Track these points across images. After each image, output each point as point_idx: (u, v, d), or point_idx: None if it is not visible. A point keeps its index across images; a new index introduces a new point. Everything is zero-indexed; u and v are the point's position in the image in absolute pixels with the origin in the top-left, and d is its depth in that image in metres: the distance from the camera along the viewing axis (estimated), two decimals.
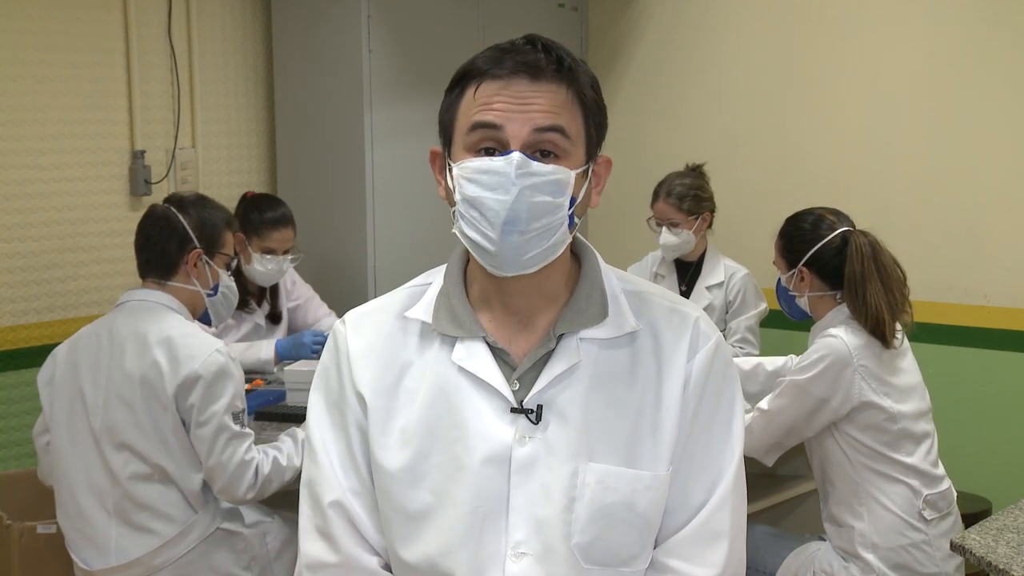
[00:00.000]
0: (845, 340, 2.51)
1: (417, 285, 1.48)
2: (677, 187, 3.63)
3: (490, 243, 1.31)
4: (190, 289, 2.57)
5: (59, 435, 2.52)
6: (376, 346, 1.43)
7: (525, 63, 1.31)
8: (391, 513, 1.40)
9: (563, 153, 1.33)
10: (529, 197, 1.29)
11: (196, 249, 2.56)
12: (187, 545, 2.46)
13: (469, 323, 1.39)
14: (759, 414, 2.58)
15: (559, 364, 1.38)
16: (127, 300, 2.55)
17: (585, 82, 1.36)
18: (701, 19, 4.51)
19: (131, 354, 2.43)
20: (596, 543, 1.36)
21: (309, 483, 1.45)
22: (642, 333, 1.41)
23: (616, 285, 1.44)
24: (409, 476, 1.38)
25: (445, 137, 1.39)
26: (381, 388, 1.41)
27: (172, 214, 2.57)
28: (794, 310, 2.74)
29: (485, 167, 1.30)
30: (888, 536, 2.50)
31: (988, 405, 3.87)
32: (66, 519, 2.53)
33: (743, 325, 3.66)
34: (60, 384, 2.53)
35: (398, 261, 4.12)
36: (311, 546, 1.43)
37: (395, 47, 4.07)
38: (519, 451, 1.35)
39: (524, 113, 1.31)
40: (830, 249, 2.61)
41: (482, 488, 1.35)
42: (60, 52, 3.73)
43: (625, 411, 1.38)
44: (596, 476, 1.35)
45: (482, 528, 1.35)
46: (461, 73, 1.36)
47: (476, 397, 1.38)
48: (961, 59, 3.85)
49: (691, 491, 1.40)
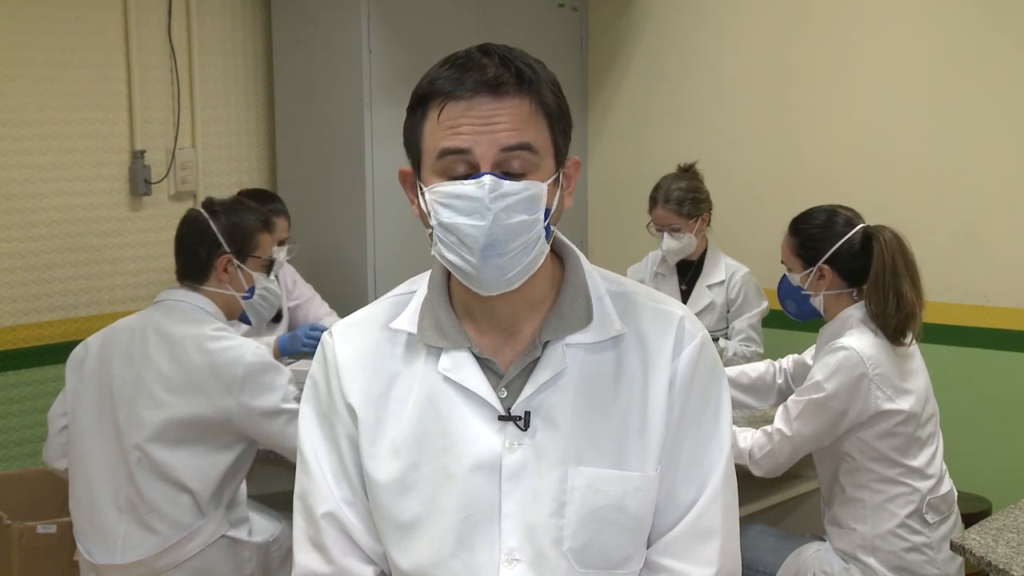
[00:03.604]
0: (857, 350, 2.47)
1: (401, 294, 1.48)
2: (675, 192, 3.61)
3: (471, 267, 1.31)
4: (224, 293, 2.57)
5: (82, 425, 2.52)
6: (363, 357, 1.43)
7: (486, 81, 1.30)
8: (382, 523, 1.41)
9: (532, 168, 1.32)
10: (505, 220, 1.29)
11: (225, 254, 2.56)
12: (191, 550, 2.45)
13: (454, 334, 1.40)
14: (782, 439, 2.53)
15: (545, 371, 1.38)
16: (165, 299, 2.56)
17: (546, 90, 1.34)
18: (701, 19, 4.51)
19: (166, 354, 2.44)
20: (588, 547, 1.36)
21: (302, 495, 1.45)
22: (627, 335, 1.41)
23: (601, 286, 1.44)
24: (398, 487, 1.39)
25: (413, 158, 1.38)
26: (370, 399, 1.42)
27: (203, 219, 2.58)
28: (803, 310, 2.70)
29: (458, 192, 1.29)
30: (890, 539, 2.50)
31: (988, 405, 3.87)
32: (78, 509, 2.53)
33: (746, 324, 3.66)
34: (89, 374, 2.53)
35: (398, 261, 4.12)
36: (305, 557, 1.44)
37: (395, 47, 4.07)
38: (509, 458, 1.36)
39: (490, 133, 1.29)
40: (852, 246, 2.59)
41: (473, 496, 1.36)
42: (60, 52, 3.74)
43: (612, 413, 1.38)
44: (586, 480, 1.36)
45: (474, 536, 1.36)
46: (423, 94, 1.34)
47: (464, 407, 1.38)
48: (961, 59, 3.85)
49: (681, 489, 1.40)
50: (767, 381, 2.96)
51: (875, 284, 2.52)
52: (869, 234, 2.58)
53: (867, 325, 2.53)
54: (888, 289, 2.50)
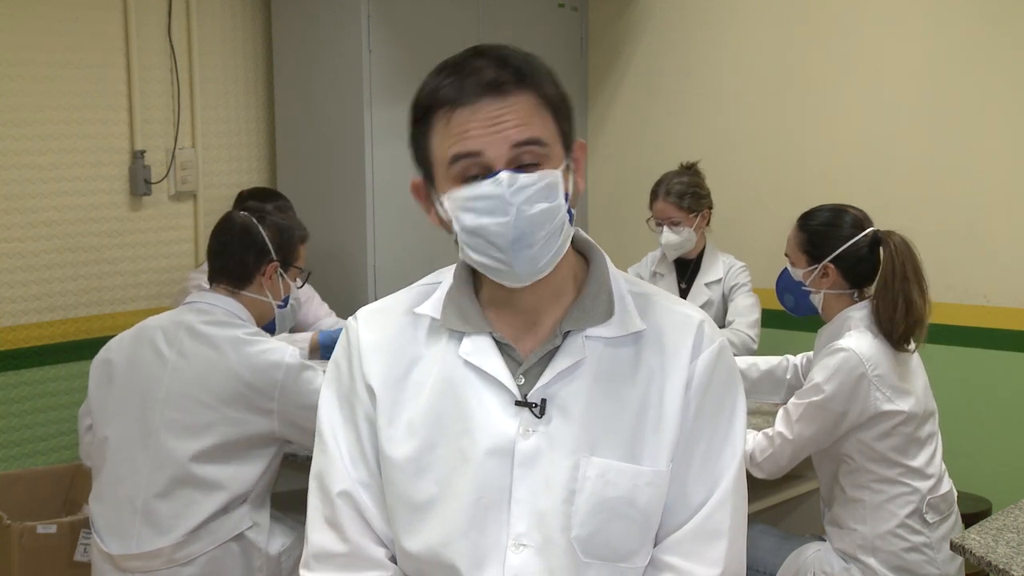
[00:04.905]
0: (856, 351, 2.47)
1: (427, 284, 1.51)
2: (676, 186, 3.64)
3: (503, 264, 1.34)
4: (262, 300, 2.58)
5: (107, 425, 2.51)
6: (386, 340, 1.46)
7: (487, 84, 1.32)
8: (396, 503, 1.42)
9: (544, 159, 1.34)
10: (528, 211, 1.31)
11: (273, 262, 2.57)
12: (206, 545, 2.43)
13: (476, 319, 1.42)
14: (783, 442, 2.53)
15: (564, 360, 1.40)
16: (196, 301, 2.55)
17: (546, 81, 1.37)
18: (701, 19, 4.51)
19: (202, 356, 2.44)
20: (595, 537, 1.37)
21: (319, 474, 1.47)
22: (647, 333, 1.43)
23: (623, 286, 1.46)
24: (414, 467, 1.40)
25: (424, 169, 1.40)
26: (390, 381, 1.44)
27: (253, 224, 2.57)
28: (801, 305, 2.70)
29: (478, 193, 1.32)
30: (890, 539, 2.50)
31: (988, 405, 3.87)
32: (97, 503, 2.52)
33: (744, 323, 3.64)
34: (115, 375, 2.52)
35: (398, 261, 4.12)
36: (319, 536, 1.45)
37: (395, 47, 4.07)
38: (522, 444, 1.38)
39: (499, 133, 1.32)
40: (860, 248, 2.59)
41: (485, 480, 1.37)
42: (60, 52, 3.74)
43: (627, 407, 1.40)
44: (597, 470, 1.37)
45: (484, 519, 1.37)
46: (427, 105, 1.36)
47: (482, 390, 1.40)
48: (961, 59, 3.85)
49: (692, 490, 1.41)
50: (776, 376, 2.97)
51: (884, 289, 2.52)
52: (878, 238, 2.58)
53: (866, 326, 2.53)
54: (897, 295, 2.49)
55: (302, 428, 2.45)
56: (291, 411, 2.44)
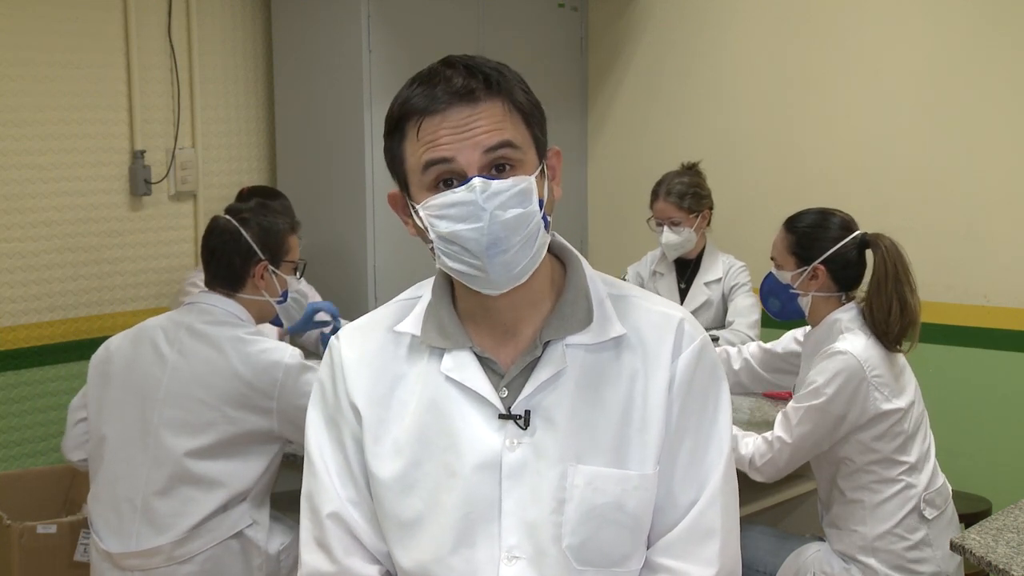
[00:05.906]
0: (854, 353, 2.47)
1: (407, 299, 1.51)
2: (676, 186, 3.64)
3: (479, 271, 1.33)
4: (259, 300, 2.58)
5: (105, 423, 2.51)
6: (368, 358, 1.46)
7: (456, 91, 1.32)
8: (385, 521, 1.43)
9: (517, 163, 1.34)
10: (501, 217, 1.31)
11: (261, 261, 2.56)
12: (206, 543, 2.44)
13: (456, 334, 1.42)
14: (782, 446, 2.53)
15: (545, 371, 1.39)
16: (196, 302, 2.55)
17: (516, 88, 1.37)
18: (701, 19, 4.51)
19: (202, 356, 2.45)
20: (587, 544, 1.37)
21: (308, 495, 1.47)
22: (627, 336, 1.42)
23: (602, 290, 1.45)
24: (400, 484, 1.40)
25: (399, 180, 1.40)
26: (374, 398, 1.44)
27: (235, 228, 2.56)
28: (787, 309, 2.70)
29: (451, 200, 1.32)
30: (890, 539, 2.50)
31: (988, 405, 3.87)
32: (95, 503, 2.52)
33: (744, 323, 3.64)
34: (118, 374, 2.52)
35: (398, 261, 4.12)
36: (310, 557, 1.46)
37: (395, 47, 4.07)
38: (509, 456, 1.38)
39: (471, 139, 1.32)
40: (850, 250, 2.60)
41: (473, 494, 1.37)
42: (60, 52, 3.74)
43: (611, 412, 1.39)
44: (585, 478, 1.37)
45: (475, 534, 1.37)
46: (398, 116, 1.37)
47: (465, 406, 1.40)
48: (961, 59, 3.86)
49: (680, 490, 1.41)
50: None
51: (878, 291, 2.52)
52: (867, 241, 2.59)
53: (859, 327, 2.54)
54: (892, 296, 2.50)
55: (301, 428, 2.44)
56: (291, 411, 2.44)
